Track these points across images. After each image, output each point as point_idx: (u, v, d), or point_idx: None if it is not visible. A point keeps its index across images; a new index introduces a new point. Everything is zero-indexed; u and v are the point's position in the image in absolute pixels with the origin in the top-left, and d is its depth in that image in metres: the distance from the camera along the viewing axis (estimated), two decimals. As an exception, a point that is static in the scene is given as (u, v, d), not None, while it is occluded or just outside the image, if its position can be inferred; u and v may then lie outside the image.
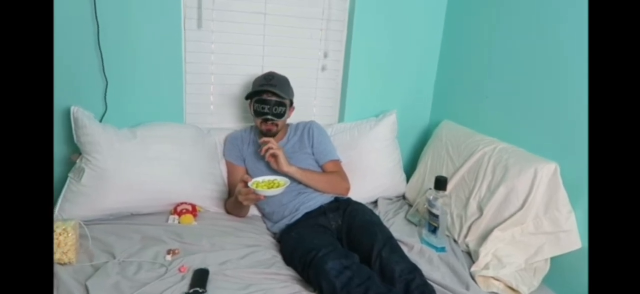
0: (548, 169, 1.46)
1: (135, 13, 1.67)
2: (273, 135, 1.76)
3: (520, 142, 1.64)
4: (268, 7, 1.88)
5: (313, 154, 1.82)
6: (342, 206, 1.67)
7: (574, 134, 1.46)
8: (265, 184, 1.53)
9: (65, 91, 1.64)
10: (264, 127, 1.74)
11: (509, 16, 1.76)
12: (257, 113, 1.72)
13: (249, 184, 1.50)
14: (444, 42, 2.14)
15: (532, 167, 1.49)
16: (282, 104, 1.71)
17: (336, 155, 1.85)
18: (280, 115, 1.71)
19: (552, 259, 1.48)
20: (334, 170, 1.81)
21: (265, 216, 1.76)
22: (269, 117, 1.70)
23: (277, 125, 1.74)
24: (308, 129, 1.85)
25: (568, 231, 1.41)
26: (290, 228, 1.60)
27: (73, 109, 1.59)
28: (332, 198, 1.72)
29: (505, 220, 1.51)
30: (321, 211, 1.65)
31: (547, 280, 1.48)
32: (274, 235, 1.66)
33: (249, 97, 1.76)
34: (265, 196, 1.49)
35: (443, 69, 2.16)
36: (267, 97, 1.69)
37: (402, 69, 2.12)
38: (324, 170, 1.81)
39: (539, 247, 1.45)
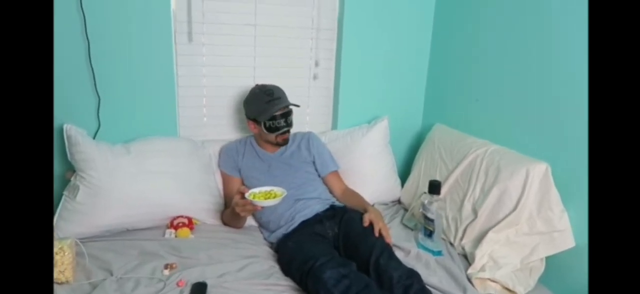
0: (539, 170, 1.48)
1: (126, 29, 1.67)
2: (285, 143, 1.83)
3: (512, 144, 1.67)
4: (258, 18, 1.90)
5: (314, 164, 1.86)
6: (339, 214, 1.68)
7: (564, 134, 1.48)
8: (262, 195, 1.53)
9: (57, 108, 1.63)
10: (280, 139, 1.78)
11: (496, 20, 1.78)
12: (274, 129, 1.74)
13: (246, 195, 1.50)
14: (433, 47, 2.17)
15: (523, 168, 1.51)
16: (290, 112, 1.78)
17: (337, 165, 1.90)
18: (292, 123, 1.79)
19: (547, 258, 1.49)
20: (337, 181, 1.88)
21: (261, 225, 1.77)
22: (286, 128, 1.77)
23: (289, 132, 1.80)
24: (307, 140, 1.89)
25: (562, 230, 1.43)
26: (287, 237, 1.61)
27: (66, 126, 1.59)
28: (328, 206, 1.73)
29: (499, 221, 1.52)
30: (317, 219, 1.66)
31: (543, 279, 1.49)
32: (271, 245, 1.66)
33: (260, 119, 1.74)
34: (262, 207, 1.50)
35: (433, 74, 2.19)
36: (280, 113, 1.73)
37: (393, 74, 2.15)
38: (325, 180, 1.86)
39: (533, 247, 1.47)
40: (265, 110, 1.71)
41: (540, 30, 1.58)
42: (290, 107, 1.77)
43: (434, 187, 1.60)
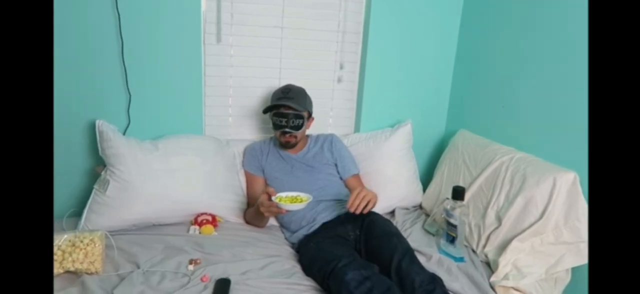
0: (567, 179, 1.46)
1: (158, 29, 1.72)
2: (292, 146, 1.81)
3: (538, 152, 1.64)
4: (285, 20, 1.93)
5: (336, 166, 1.86)
6: (360, 216, 1.67)
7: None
8: (288, 199, 1.55)
9: (90, 105, 1.70)
10: (283, 139, 1.78)
11: (523, 25, 1.76)
12: (276, 126, 1.76)
13: (273, 198, 1.52)
14: (459, 52, 2.16)
15: (550, 176, 1.48)
16: (300, 117, 1.75)
17: (357, 169, 1.90)
18: (298, 127, 1.75)
19: (574, 269, 1.47)
20: (357, 184, 1.86)
21: (283, 226, 1.79)
22: (287, 130, 1.74)
23: (296, 137, 1.78)
24: (329, 142, 1.90)
25: (589, 241, 1.40)
26: (308, 238, 1.62)
27: (98, 122, 1.64)
28: (349, 208, 1.74)
29: (524, 230, 1.50)
30: (339, 221, 1.67)
31: (568, 291, 1.47)
32: (293, 245, 1.68)
33: (266, 110, 1.80)
34: (287, 210, 1.51)
35: (458, 79, 2.17)
36: (285, 111, 1.73)
37: (417, 79, 2.14)
38: (347, 184, 1.86)
39: (559, 257, 1.44)
40: (274, 105, 1.77)
41: (567, 36, 1.55)
42: (303, 114, 1.75)
43: (458, 193, 1.59)
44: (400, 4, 2.00)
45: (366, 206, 1.50)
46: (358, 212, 1.49)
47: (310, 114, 1.84)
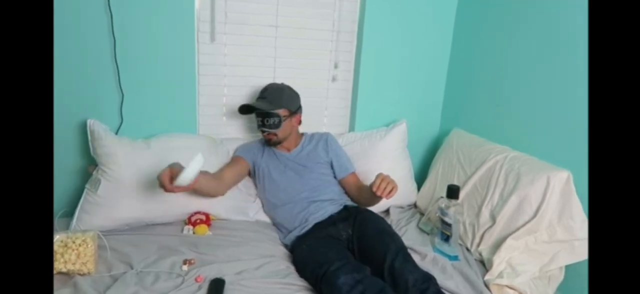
0: (561, 178, 1.47)
1: (151, 27, 1.71)
2: (275, 144, 1.82)
3: (532, 151, 1.65)
4: (279, 19, 1.92)
5: (331, 166, 1.86)
6: (352, 215, 1.68)
7: (587, 142, 1.46)
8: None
9: (82, 104, 1.69)
10: (266, 137, 1.80)
11: (518, 24, 1.77)
12: (257, 125, 1.80)
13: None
14: (453, 51, 2.16)
15: (544, 175, 1.49)
16: (275, 116, 1.74)
17: (353, 167, 1.89)
18: (273, 126, 1.75)
19: (567, 267, 1.48)
20: (355, 180, 1.86)
21: (276, 225, 1.78)
22: (264, 129, 1.77)
23: (276, 135, 1.78)
24: (324, 141, 1.89)
25: (582, 239, 1.41)
26: (301, 239, 1.61)
27: (90, 122, 1.63)
28: (342, 207, 1.73)
29: (518, 228, 1.51)
30: (331, 221, 1.66)
31: (562, 288, 1.48)
32: (286, 246, 1.67)
33: (240, 110, 1.81)
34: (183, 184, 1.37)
35: (453, 78, 2.18)
36: (258, 111, 1.76)
37: (412, 78, 2.14)
38: (342, 181, 1.85)
39: (553, 255, 1.45)
40: (243, 105, 1.80)
41: (562, 35, 1.56)
42: (277, 113, 1.73)
43: (453, 192, 1.59)
44: (395, 3, 2.00)
45: (390, 191, 1.47)
46: (384, 195, 1.47)
47: (293, 112, 1.81)
